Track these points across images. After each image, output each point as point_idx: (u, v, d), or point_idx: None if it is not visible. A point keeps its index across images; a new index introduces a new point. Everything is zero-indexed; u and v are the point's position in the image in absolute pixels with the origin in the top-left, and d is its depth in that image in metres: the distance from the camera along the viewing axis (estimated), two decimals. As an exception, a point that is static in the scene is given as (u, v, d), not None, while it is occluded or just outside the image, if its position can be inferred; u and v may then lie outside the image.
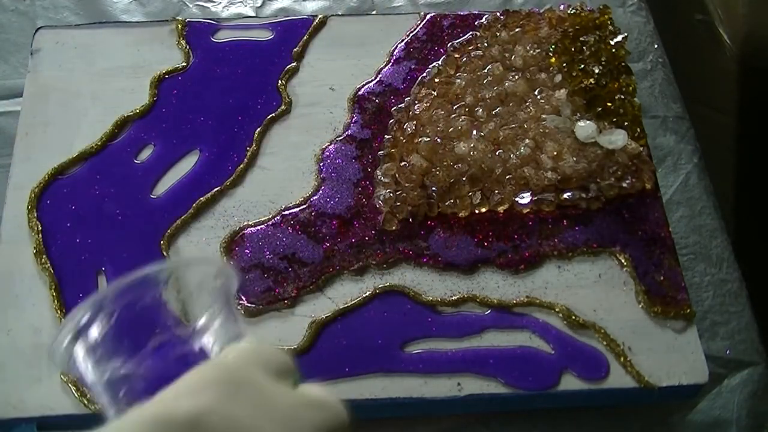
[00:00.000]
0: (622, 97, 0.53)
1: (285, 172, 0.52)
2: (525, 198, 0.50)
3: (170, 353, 0.29)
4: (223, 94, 0.55)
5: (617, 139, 0.51)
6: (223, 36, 0.57)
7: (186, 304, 0.32)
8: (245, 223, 0.50)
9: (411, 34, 0.58)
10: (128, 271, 0.46)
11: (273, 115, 0.54)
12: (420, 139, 0.51)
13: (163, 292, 0.31)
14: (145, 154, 0.52)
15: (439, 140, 0.51)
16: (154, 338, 0.30)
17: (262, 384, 0.24)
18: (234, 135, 0.53)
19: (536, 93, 0.54)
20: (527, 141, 0.51)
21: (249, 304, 0.46)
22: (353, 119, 0.54)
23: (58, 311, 0.46)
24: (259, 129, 0.53)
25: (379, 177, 0.51)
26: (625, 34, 0.56)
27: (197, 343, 0.30)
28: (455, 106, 0.53)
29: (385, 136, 0.53)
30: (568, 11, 0.57)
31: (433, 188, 0.50)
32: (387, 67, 0.56)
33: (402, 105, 0.54)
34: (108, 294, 0.30)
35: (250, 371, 0.24)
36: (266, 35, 0.58)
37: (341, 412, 0.25)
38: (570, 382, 0.45)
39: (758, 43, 0.67)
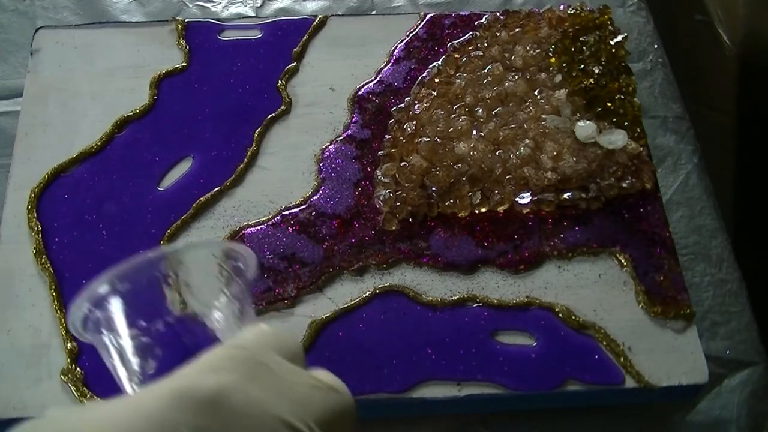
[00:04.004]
0: (622, 97, 0.53)
1: (285, 172, 0.52)
2: (525, 198, 0.50)
3: (186, 329, 0.30)
4: (223, 94, 0.55)
5: (617, 139, 0.51)
6: (223, 36, 0.57)
7: (201, 283, 0.32)
8: (245, 223, 0.50)
9: (411, 34, 0.58)
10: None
11: (273, 115, 0.54)
12: (420, 139, 0.51)
13: (177, 272, 0.32)
14: (145, 154, 0.52)
15: (439, 140, 0.51)
16: (168, 315, 0.30)
17: (279, 366, 0.25)
18: (234, 135, 0.53)
19: (536, 93, 0.54)
20: (527, 141, 0.51)
21: (249, 304, 0.46)
22: (353, 119, 0.54)
23: (58, 311, 0.46)
24: (259, 129, 0.53)
25: (379, 177, 0.51)
26: (625, 34, 0.56)
27: (209, 321, 0.30)
28: (455, 106, 0.53)
29: (385, 136, 0.53)
30: (568, 11, 0.57)
31: (433, 188, 0.50)
32: (387, 67, 0.56)
33: (402, 105, 0.54)
34: (124, 269, 0.31)
35: (269, 353, 0.25)
36: (266, 35, 0.58)
37: (349, 396, 0.26)
38: (570, 383, 0.45)
39: (758, 43, 0.67)
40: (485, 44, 0.56)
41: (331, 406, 0.25)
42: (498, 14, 0.58)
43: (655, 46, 0.62)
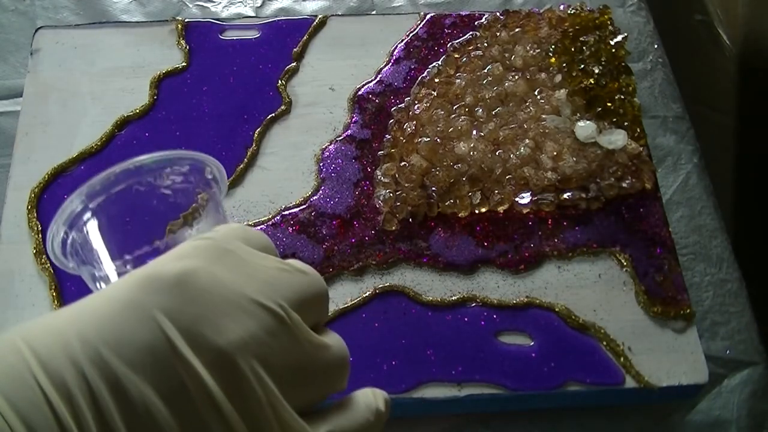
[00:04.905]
0: (622, 97, 0.53)
1: (285, 172, 0.52)
2: (525, 198, 0.50)
3: (164, 247, 0.29)
4: (223, 94, 0.55)
5: (617, 139, 0.51)
6: (223, 36, 0.57)
7: (177, 197, 0.32)
8: (245, 223, 0.50)
9: (411, 34, 0.58)
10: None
11: (273, 115, 0.54)
12: (420, 139, 0.51)
13: (155, 182, 0.31)
14: (145, 154, 0.52)
15: (439, 140, 0.51)
16: (148, 233, 0.30)
17: (245, 251, 0.25)
18: (234, 135, 0.53)
19: (536, 93, 0.54)
20: (527, 141, 0.51)
21: (249, 304, 0.46)
22: (353, 119, 0.54)
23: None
24: (259, 129, 0.53)
25: (379, 177, 0.51)
26: (625, 34, 0.56)
27: (185, 233, 0.30)
28: (455, 106, 0.53)
29: (385, 136, 0.53)
30: (568, 11, 0.57)
31: (433, 188, 0.50)
32: (387, 67, 0.56)
33: (402, 105, 0.54)
34: (99, 182, 0.30)
35: (235, 241, 0.25)
36: (266, 35, 0.58)
37: (319, 278, 0.26)
38: (570, 383, 0.45)
39: (758, 44, 0.67)
40: (485, 44, 0.56)
41: (300, 287, 0.25)
42: (498, 14, 0.58)
43: (655, 46, 0.62)
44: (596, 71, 0.54)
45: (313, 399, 0.25)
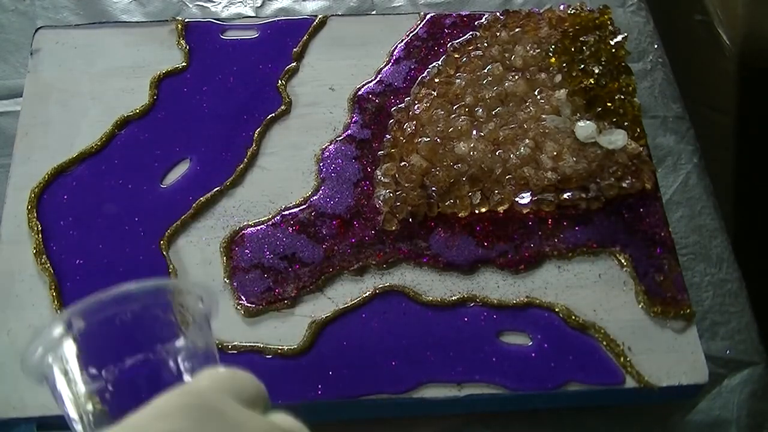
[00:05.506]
0: (622, 97, 0.53)
1: (285, 172, 0.52)
2: (525, 198, 0.50)
3: (143, 372, 0.29)
4: (223, 94, 0.55)
5: (617, 139, 0.51)
6: (223, 36, 0.57)
7: (165, 325, 0.31)
8: (245, 223, 0.50)
9: (411, 34, 0.58)
10: (127, 272, 0.46)
11: (273, 115, 0.54)
12: (420, 139, 0.51)
13: (142, 310, 0.31)
14: (145, 154, 0.52)
15: (439, 140, 0.51)
16: (129, 357, 0.29)
17: (232, 410, 0.24)
18: (234, 135, 0.53)
19: (536, 93, 0.54)
20: (527, 141, 0.51)
21: (249, 304, 0.46)
22: (353, 119, 0.54)
23: (58, 311, 0.46)
24: (259, 129, 0.53)
25: (379, 177, 0.51)
26: (625, 34, 0.56)
27: (172, 364, 0.29)
28: (455, 106, 0.53)
29: (385, 136, 0.53)
30: (568, 11, 0.57)
31: (433, 188, 0.50)
32: (387, 67, 0.56)
33: (402, 105, 0.54)
34: (82, 308, 0.30)
35: (222, 398, 0.24)
36: (266, 35, 0.58)
37: None
38: (570, 383, 0.45)
39: (758, 44, 0.67)
40: (485, 44, 0.56)
41: None
42: (498, 14, 0.58)
43: (655, 46, 0.62)
44: (596, 71, 0.54)
45: None
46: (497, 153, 0.51)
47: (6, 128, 0.56)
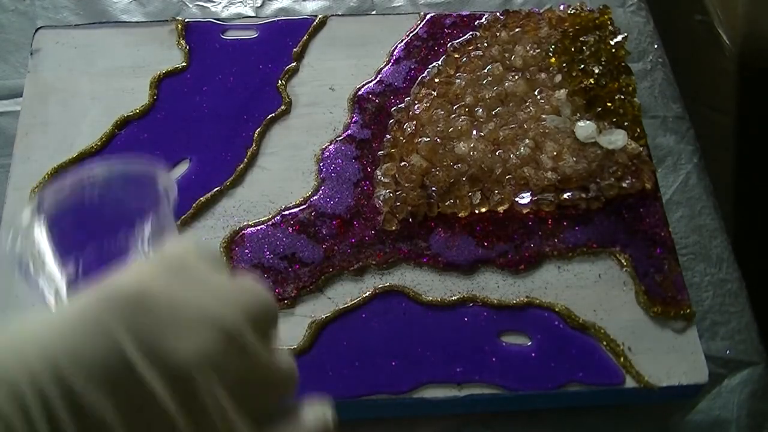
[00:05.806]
0: (622, 97, 0.53)
1: (285, 172, 0.52)
2: (525, 198, 0.50)
3: (113, 254, 0.29)
4: (223, 94, 0.55)
5: (617, 139, 0.51)
6: (223, 36, 0.57)
7: (134, 207, 0.32)
8: (245, 223, 0.50)
9: (411, 34, 0.58)
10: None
11: (273, 115, 0.54)
12: (420, 139, 0.51)
13: (110, 193, 0.31)
14: (145, 154, 0.52)
15: (439, 140, 0.51)
16: (98, 239, 0.30)
17: (199, 269, 0.26)
18: (234, 135, 0.53)
19: (536, 93, 0.54)
20: (527, 141, 0.51)
21: (249, 304, 0.46)
22: (353, 119, 0.54)
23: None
24: (259, 129, 0.53)
25: (379, 177, 0.51)
26: (625, 34, 0.56)
27: (140, 245, 0.30)
28: (455, 106, 0.53)
29: (385, 136, 0.53)
30: (568, 11, 0.57)
31: (433, 188, 0.50)
32: (387, 67, 0.56)
33: (402, 105, 0.54)
34: (50, 191, 0.31)
35: (190, 259, 0.26)
36: (266, 35, 0.58)
37: (270, 299, 0.27)
38: (570, 383, 0.45)
39: (758, 44, 0.67)
40: (485, 44, 0.56)
41: (248, 308, 0.25)
42: (498, 14, 0.58)
43: (655, 46, 0.62)
44: (596, 71, 0.54)
45: (263, 409, 0.26)
46: (497, 153, 0.51)
47: (6, 128, 0.56)
